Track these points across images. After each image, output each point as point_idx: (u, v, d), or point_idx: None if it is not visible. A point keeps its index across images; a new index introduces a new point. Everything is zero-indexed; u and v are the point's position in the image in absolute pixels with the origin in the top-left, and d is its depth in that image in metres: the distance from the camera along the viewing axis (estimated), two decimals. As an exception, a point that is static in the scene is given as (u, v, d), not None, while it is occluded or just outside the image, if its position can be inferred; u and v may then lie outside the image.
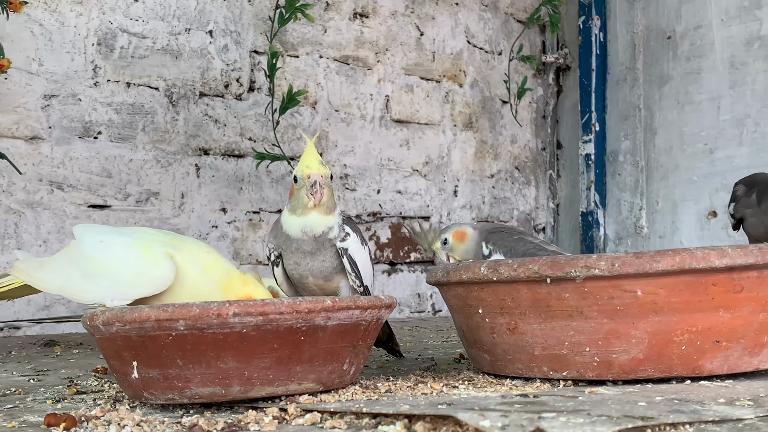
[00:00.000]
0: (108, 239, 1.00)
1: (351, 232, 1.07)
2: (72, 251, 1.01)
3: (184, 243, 1.00)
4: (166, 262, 0.95)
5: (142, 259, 0.96)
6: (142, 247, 0.97)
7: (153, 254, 0.97)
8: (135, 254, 0.97)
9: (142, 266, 0.96)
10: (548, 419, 0.62)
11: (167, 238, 1.00)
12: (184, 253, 0.97)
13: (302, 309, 0.79)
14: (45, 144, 1.83)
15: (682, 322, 0.85)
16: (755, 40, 2.35)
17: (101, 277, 0.97)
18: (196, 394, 0.81)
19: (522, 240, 1.17)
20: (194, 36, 2.05)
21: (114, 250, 0.98)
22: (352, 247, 1.06)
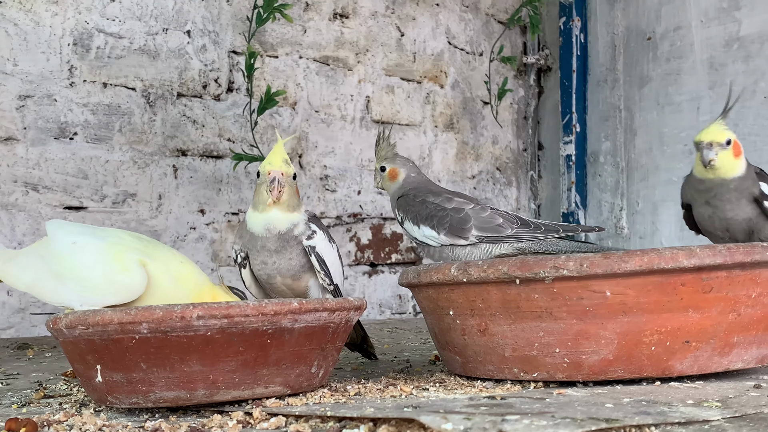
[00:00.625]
0: (81, 240, 0.97)
1: (317, 229, 1.06)
2: (43, 248, 0.99)
3: (159, 251, 0.98)
4: (137, 271, 0.93)
5: (113, 266, 0.94)
6: (115, 253, 0.95)
7: (124, 261, 0.94)
8: (106, 259, 0.95)
9: (113, 273, 0.94)
10: (511, 422, 0.62)
11: (141, 245, 0.98)
12: (158, 262, 0.95)
13: (268, 311, 0.78)
14: (20, 145, 1.81)
15: (652, 322, 0.84)
16: (734, 42, 2.35)
17: (71, 280, 0.95)
18: (160, 398, 0.80)
19: (424, 203, 1.16)
20: (172, 36, 2.03)
21: (86, 253, 0.96)
22: (320, 244, 1.05)
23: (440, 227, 1.13)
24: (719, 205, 1.25)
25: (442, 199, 1.16)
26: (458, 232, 1.12)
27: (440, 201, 1.16)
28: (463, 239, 1.11)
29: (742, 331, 0.87)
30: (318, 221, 1.09)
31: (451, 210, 1.14)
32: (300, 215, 1.05)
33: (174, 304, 0.77)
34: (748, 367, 0.90)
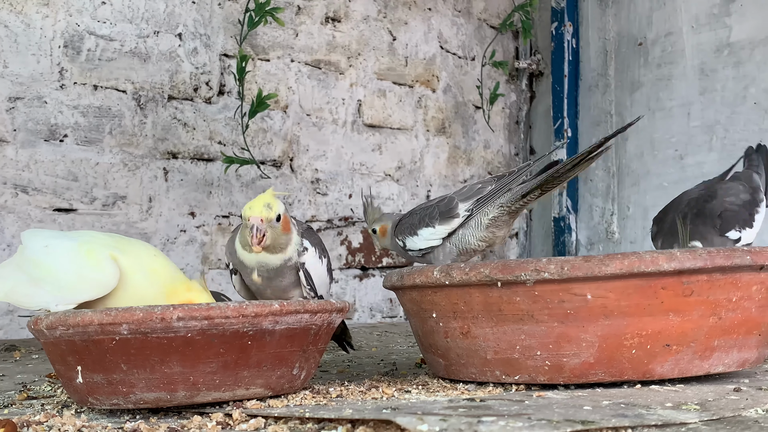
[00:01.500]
0: (53, 243, 0.98)
1: (309, 246, 1.07)
2: (19, 256, 1.00)
3: (131, 246, 0.99)
4: (108, 265, 0.94)
5: (85, 263, 0.94)
6: (86, 251, 0.96)
7: (96, 257, 0.95)
8: (78, 258, 0.95)
9: (85, 270, 0.94)
10: (487, 423, 0.62)
11: (113, 241, 0.98)
12: (130, 256, 0.96)
13: (249, 313, 0.78)
14: (9, 147, 1.81)
15: (632, 325, 0.85)
16: (725, 47, 2.36)
17: (45, 282, 0.95)
18: (141, 400, 0.80)
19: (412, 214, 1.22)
20: (163, 39, 2.03)
21: (57, 254, 0.97)
22: (309, 261, 1.07)
23: (432, 220, 1.16)
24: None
25: (427, 204, 1.19)
26: (448, 213, 1.15)
27: (425, 205, 1.19)
28: (456, 218, 1.14)
29: (723, 334, 0.88)
30: (312, 235, 1.10)
31: (436, 202, 1.19)
32: (291, 249, 1.05)
33: (154, 305, 0.77)
34: (729, 370, 0.90)
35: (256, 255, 1.03)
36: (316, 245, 1.09)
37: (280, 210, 1.02)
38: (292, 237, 1.06)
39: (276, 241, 1.02)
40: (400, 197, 2.49)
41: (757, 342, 0.91)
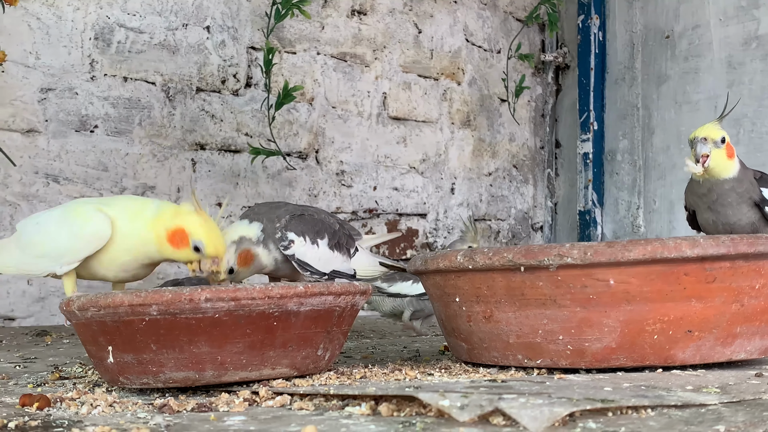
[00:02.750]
0: (42, 220, 1.04)
1: (295, 237, 1.09)
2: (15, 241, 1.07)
3: (115, 200, 1.05)
4: (98, 216, 0.99)
5: (75, 222, 0.99)
6: (73, 211, 1.01)
7: (83, 213, 1.00)
8: (67, 220, 1.00)
9: (77, 228, 0.99)
10: (508, 400, 0.63)
11: (96, 199, 1.05)
12: (113, 206, 1.01)
13: (274, 294, 0.80)
14: (41, 137, 1.84)
15: (654, 311, 0.85)
16: (753, 40, 2.35)
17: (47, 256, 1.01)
18: (170, 379, 0.82)
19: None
20: (191, 31, 2.06)
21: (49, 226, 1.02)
22: (299, 251, 1.09)
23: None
24: (721, 210, 1.25)
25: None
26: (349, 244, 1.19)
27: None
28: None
29: (745, 321, 0.88)
30: (298, 224, 1.11)
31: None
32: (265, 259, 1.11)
33: (183, 287, 0.79)
34: (752, 357, 0.91)
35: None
36: (304, 233, 1.10)
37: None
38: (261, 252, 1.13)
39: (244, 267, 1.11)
40: (424, 190, 2.50)
41: (779, 329, 0.92)
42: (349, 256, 1.15)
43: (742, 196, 1.24)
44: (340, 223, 1.17)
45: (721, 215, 1.26)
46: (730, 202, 1.24)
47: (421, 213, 2.50)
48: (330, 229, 1.13)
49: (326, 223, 1.14)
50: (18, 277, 1.78)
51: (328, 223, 1.14)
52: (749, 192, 1.24)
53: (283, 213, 1.11)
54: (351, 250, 1.15)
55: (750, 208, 1.26)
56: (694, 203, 1.29)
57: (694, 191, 1.27)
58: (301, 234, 1.10)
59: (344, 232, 1.16)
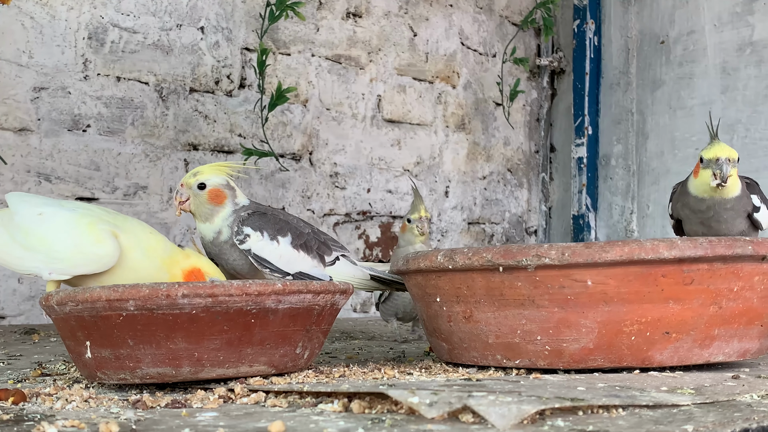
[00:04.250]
0: (48, 212, 0.99)
1: (252, 231, 1.08)
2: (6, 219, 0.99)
3: (128, 223, 1.01)
4: (110, 241, 0.96)
5: (86, 236, 0.96)
6: (87, 224, 0.97)
7: (97, 232, 0.96)
8: (76, 230, 0.96)
9: (86, 243, 0.96)
10: (477, 397, 0.63)
11: (110, 217, 1.00)
12: (128, 234, 0.98)
13: (252, 291, 0.80)
14: (33, 136, 1.85)
15: (632, 312, 0.85)
16: (747, 46, 2.35)
17: (38, 251, 0.96)
18: (147, 375, 0.82)
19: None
20: (185, 32, 2.06)
21: (53, 224, 0.98)
22: (256, 246, 1.09)
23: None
24: (714, 225, 1.25)
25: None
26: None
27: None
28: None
29: (723, 324, 0.88)
30: (256, 221, 1.10)
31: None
32: (220, 222, 1.10)
33: (160, 282, 0.79)
34: (730, 360, 0.91)
35: (198, 225, 1.11)
36: (262, 229, 1.10)
37: (206, 179, 1.10)
38: (223, 211, 1.10)
39: (198, 209, 1.09)
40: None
41: (759, 333, 0.92)
42: (321, 262, 1.14)
43: (738, 212, 1.24)
44: (314, 230, 1.17)
45: (713, 230, 1.25)
46: (726, 218, 1.24)
47: (414, 216, 2.49)
48: (295, 231, 1.13)
49: (292, 224, 1.14)
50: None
51: (294, 224, 1.14)
52: (745, 206, 1.25)
53: (245, 210, 1.12)
54: (325, 256, 1.15)
55: (743, 219, 1.26)
56: (685, 216, 1.28)
57: (688, 204, 1.26)
58: (258, 229, 1.09)
59: (317, 237, 1.16)
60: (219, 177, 1.10)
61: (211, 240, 1.11)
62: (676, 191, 1.33)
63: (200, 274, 1.01)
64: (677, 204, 1.30)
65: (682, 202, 1.28)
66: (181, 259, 0.99)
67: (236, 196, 1.12)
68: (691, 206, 1.26)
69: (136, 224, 1.02)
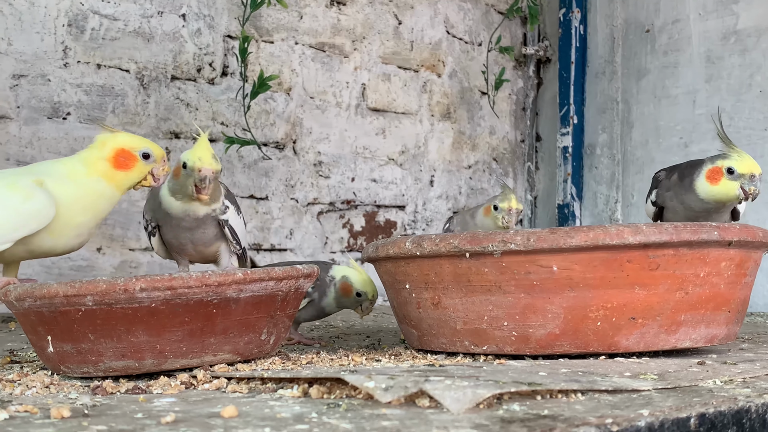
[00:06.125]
0: None
1: (230, 204, 1.11)
2: None
3: (43, 166, 0.95)
4: (40, 193, 0.90)
5: (14, 196, 0.90)
6: (7, 184, 0.91)
7: (22, 189, 0.90)
8: (1, 194, 0.90)
9: (17, 203, 0.90)
10: (433, 382, 0.63)
11: (25, 170, 0.94)
12: (48, 175, 0.92)
13: (212, 282, 0.79)
14: (12, 123, 1.83)
15: (598, 298, 0.85)
16: (731, 35, 2.35)
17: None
18: (110, 368, 0.81)
19: None
20: (167, 19, 2.05)
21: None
22: (232, 218, 1.12)
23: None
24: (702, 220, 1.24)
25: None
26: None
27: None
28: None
29: (690, 309, 0.88)
30: (231, 195, 1.14)
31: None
32: (219, 203, 1.09)
33: (117, 277, 0.78)
34: (697, 345, 0.91)
35: (184, 204, 1.07)
36: (234, 203, 1.14)
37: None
38: (222, 191, 1.11)
39: (214, 193, 1.06)
40: (403, 181, 2.50)
41: (726, 318, 0.92)
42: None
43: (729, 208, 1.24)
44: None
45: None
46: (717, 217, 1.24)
47: (399, 205, 2.49)
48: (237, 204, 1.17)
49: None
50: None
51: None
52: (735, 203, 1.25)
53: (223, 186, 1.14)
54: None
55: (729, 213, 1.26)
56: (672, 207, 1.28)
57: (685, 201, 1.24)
58: (232, 203, 1.11)
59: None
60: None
61: (201, 216, 1.08)
62: (662, 179, 1.32)
63: (125, 152, 0.96)
64: (667, 194, 1.29)
65: (679, 197, 1.26)
66: (98, 152, 0.94)
67: None
68: (687, 203, 1.25)
69: (48, 163, 0.97)
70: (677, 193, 1.26)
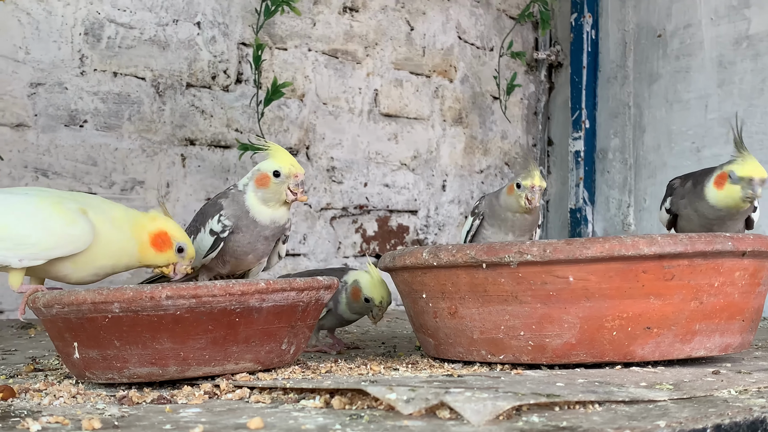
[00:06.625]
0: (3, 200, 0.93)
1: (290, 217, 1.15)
2: None
3: (88, 199, 0.98)
4: (83, 221, 0.92)
5: (56, 218, 0.91)
6: (51, 205, 0.92)
7: (66, 212, 0.92)
8: (44, 213, 0.92)
9: (57, 225, 0.91)
10: (453, 393, 0.64)
11: (70, 195, 0.97)
12: (94, 208, 0.95)
13: (235, 291, 0.81)
14: (30, 131, 1.86)
15: (613, 308, 0.86)
16: (743, 40, 2.35)
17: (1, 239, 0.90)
18: (134, 374, 0.83)
19: None
20: (182, 27, 2.07)
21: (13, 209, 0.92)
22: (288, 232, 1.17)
23: None
24: (716, 228, 1.25)
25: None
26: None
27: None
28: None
29: (705, 319, 0.89)
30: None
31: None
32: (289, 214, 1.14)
33: (143, 284, 0.80)
34: (712, 354, 0.92)
35: (274, 212, 1.10)
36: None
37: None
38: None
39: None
40: (415, 186, 2.51)
41: (740, 327, 0.93)
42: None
43: (743, 215, 1.25)
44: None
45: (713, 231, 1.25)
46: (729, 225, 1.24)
47: (411, 210, 2.51)
48: None
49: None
50: None
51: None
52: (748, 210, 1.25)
53: None
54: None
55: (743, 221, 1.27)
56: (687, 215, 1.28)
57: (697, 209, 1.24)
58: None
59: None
60: None
61: (282, 224, 1.12)
62: (676, 187, 1.32)
63: (167, 237, 0.99)
64: (681, 201, 1.29)
65: (692, 205, 1.27)
66: (146, 223, 0.97)
67: None
68: (701, 211, 1.25)
69: (95, 198, 1.00)
70: (691, 201, 1.26)
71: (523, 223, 1.28)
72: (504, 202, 1.27)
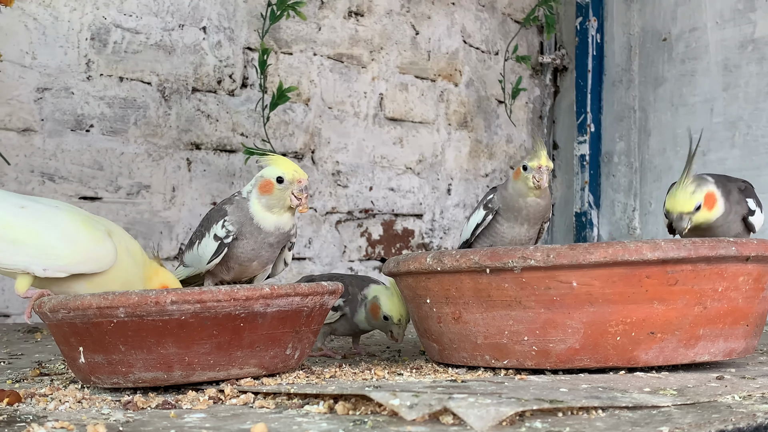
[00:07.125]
0: (30, 206, 0.94)
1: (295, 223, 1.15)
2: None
3: (111, 225, 0.99)
4: (109, 242, 0.94)
5: (86, 235, 0.93)
6: (81, 222, 0.94)
7: (95, 231, 0.94)
8: (74, 228, 0.93)
9: (86, 242, 0.93)
10: (457, 399, 0.64)
11: (97, 217, 0.99)
12: (117, 234, 0.97)
13: (240, 296, 0.81)
14: (37, 136, 1.87)
15: (617, 313, 0.87)
16: (749, 43, 2.35)
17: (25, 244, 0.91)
18: (139, 379, 0.83)
19: None
20: (187, 32, 2.08)
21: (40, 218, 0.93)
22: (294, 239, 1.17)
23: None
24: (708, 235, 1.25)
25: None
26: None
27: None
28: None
29: (708, 324, 0.89)
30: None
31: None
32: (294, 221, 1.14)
33: (149, 289, 0.80)
34: (716, 359, 0.92)
35: (278, 218, 1.09)
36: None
37: None
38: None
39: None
40: (420, 190, 2.51)
41: (744, 332, 0.93)
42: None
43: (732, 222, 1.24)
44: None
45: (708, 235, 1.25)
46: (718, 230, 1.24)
47: (417, 213, 2.51)
48: None
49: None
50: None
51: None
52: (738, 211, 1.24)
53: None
54: None
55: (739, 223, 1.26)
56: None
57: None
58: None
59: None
60: None
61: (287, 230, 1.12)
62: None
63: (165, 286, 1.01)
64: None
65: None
66: (152, 275, 0.99)
67: None
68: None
69: (117, 226, 1.01)
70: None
71: (537, 210, 1.28)
72: (513, 188, 1.26)
